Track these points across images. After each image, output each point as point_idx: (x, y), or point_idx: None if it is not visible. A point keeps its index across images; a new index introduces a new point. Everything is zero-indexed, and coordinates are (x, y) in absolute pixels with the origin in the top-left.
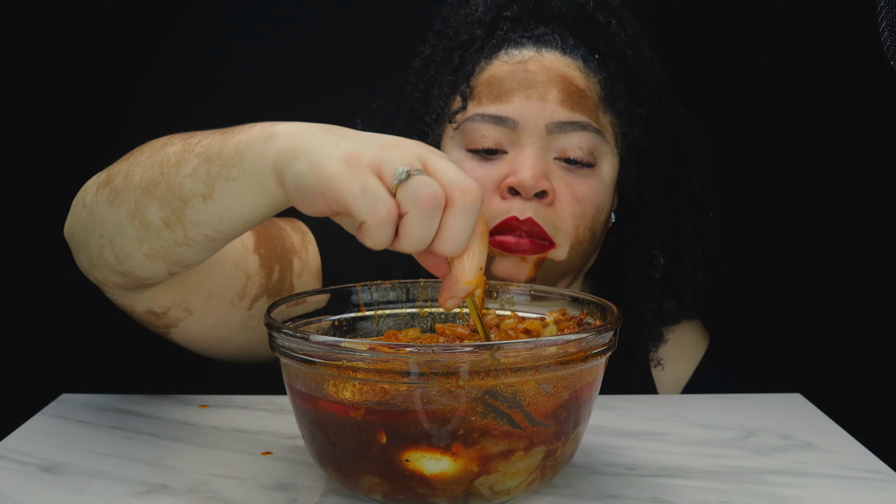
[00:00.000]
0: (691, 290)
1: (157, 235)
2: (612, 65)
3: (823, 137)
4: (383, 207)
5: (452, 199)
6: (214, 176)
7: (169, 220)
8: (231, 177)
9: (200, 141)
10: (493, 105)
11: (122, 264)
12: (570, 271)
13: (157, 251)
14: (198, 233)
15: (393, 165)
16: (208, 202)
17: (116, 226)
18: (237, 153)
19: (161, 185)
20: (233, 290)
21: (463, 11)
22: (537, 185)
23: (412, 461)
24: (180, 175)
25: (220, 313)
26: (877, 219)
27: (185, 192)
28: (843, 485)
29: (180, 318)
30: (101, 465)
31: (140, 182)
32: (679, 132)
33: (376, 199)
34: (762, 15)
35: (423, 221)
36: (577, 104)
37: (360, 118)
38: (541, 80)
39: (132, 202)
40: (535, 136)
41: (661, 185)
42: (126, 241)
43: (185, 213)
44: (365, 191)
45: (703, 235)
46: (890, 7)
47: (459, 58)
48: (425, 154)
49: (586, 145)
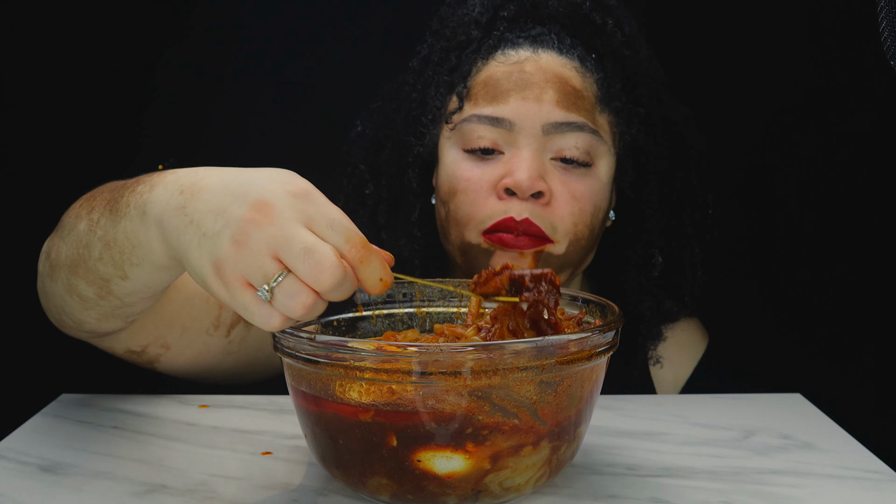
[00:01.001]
0: (690, 288)
1: (96, 304)
2: (609, 64)
3: (824, 137)
4: (275, 320)
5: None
6: (119, 262)
7: (100, 293)
8: (134, 263)
9: (98, 220)
10: (489, 106)
11: (81, 327)
12: (567, 265)
13: (104, 314)
14: (133, 298)
15: (253, 277)
16: (126, 281)
17: (60, 298)
18: (128, 242)
19: (80, 266)
20: (206, 321)
21: (460, 12)
22: (533, 185)
23: (423, 461)
24: (92, 259)
25: (198, 343)
26: (877, 218)
27: (102, 274)
28: (843, 485)
29: (160, 354)
30: (101, 465)
31: (65, 261)
32: (678, 131)
33: (261, 316)
34: (762, 14)
35: (310, 314)
36: (573, 104)
37: (359, 119)
38: (537, 80)
39: (64, 280)
40: (531, 137)
41: (660, 184)
42: (74, 310)
43: (111, 288)
44: (246, 310)
45: (702, 234)
46: (890, 7)
47: (456, 58)
48: (278, 240)
49: (583, 145)
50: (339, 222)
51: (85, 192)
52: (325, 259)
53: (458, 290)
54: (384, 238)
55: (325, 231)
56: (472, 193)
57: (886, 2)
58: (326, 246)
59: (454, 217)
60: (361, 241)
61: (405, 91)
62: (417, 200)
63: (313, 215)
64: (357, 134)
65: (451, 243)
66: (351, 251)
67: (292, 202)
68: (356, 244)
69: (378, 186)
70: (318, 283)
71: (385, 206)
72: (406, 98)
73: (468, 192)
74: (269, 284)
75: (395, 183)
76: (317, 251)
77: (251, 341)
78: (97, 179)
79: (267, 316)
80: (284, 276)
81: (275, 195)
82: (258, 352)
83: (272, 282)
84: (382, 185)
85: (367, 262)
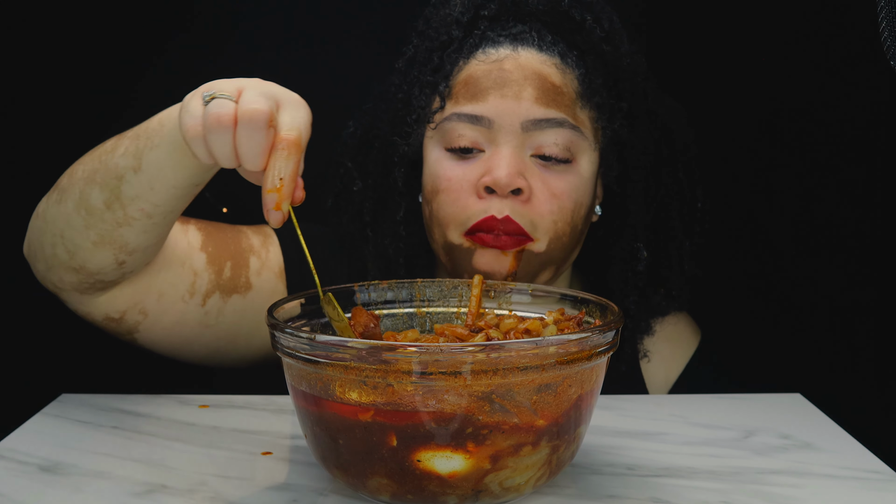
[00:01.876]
0: (678, 282)
1: (100, 219)
2: (590, 60)
3: (823, 136)
4: (191, 120)
5: (237, 120)
6: (142, 148)
7: (109, 200)
8: (154, 145)
9: (135, 130)
10: (469, 104)
11: (73, 258)
12: (550, 263)
13: (102, 236)
14: (134, 208)
15: (211, 92)
16: (138, 173)
17: (65, 219)
18: (159, 124)
19: (100, 171)
20: (181, 287)
21: (443, 12)
22: (512, 182)
23: (423, 461)
24: (115, 156)
25: (174, 312)
26: (875, 217)
27: (119, 170)
28: (843, 485)
29: (138, 322)
30: (101, 465)
31: (82, 175)
32: (665, 125)
33: (189, 115)
34: (759, 10)
35: (216, 138)
36: (552, 101)
37: (352, 119)
38: (515, 78)
39: (76, 194)
40: (510, 135)
41: (646, 178)
42: (75, 231)
43: (121, 189)
44: (184, 109)
45: (691, 228)
46: (890, 7)
47: (439, 58)
48: (247, 86)
49: (562, 142)
50: (301, 119)
51: None
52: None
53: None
54: (370, 236)
55: (284, 113)
56: (453, 193)
57: (886, 2)
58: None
59: (436, 216)
60: (299, 137)
61: (391, 91)
62: (403, 200)
63: (286, 105)
64: (348, 134)
65: (436, 242)
66: (287, 134)
67: (282, 91)
68: (293, 134)
69: (365, 186)
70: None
71: (371, 204)
72: (392, 98)
73: (450, 191)
74: (212, 92)
75: (382, 182)
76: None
77: (228, 315)
78: None
79: (192, 118)
80: (227, 97)
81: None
82: (236, 327)
83: (218, 94)
84: (369, 185)
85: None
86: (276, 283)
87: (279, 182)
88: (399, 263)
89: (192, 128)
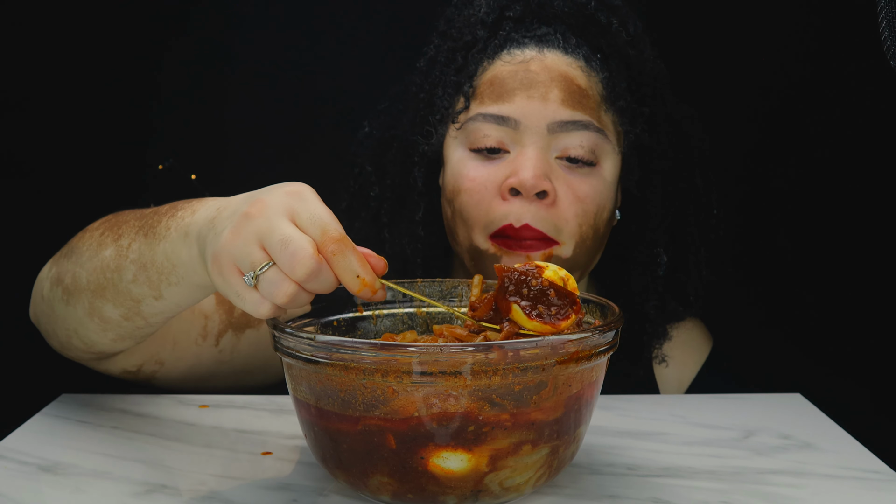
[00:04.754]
0: (695, 288)
1: (118, 326)
2: (614, 64)
3: (825, 138)
4: (264, 308)
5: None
6: (157, 282)
7: (127, 314)
8: (172, 282)
9: (130, 245)
10: (494, 105)
11: (91, 348)
12: (576, 268)
13: (122, 335)
14: (159, 318)
15: (242, 264)
16: (160, 300)
17: (77, 321)
18: (168, 262)
19: (109, 289)
20: (194, 332)
21: (466, 12)
22: (538, 185)
23: (424, 461)
24: (124, 281)
25: (189, 356)
26: (878, 219)
27: (135, 295)
28: (843, 485)
29: (155, 371)
30: (101, 465)
31: (88, 286)
32: (683, 130)
33: (252, 302)
34: (764, 15)
35: (294, 303)
36: (578, 103)
37: (367, 120)
38: (542, 79)
39: (86, 303)
40: (536, 136)
41: (664, 184)
42: (90, 332)
43: (141, 308)
44: (238, 296)
45: (706, 233)
46: (890, 7)
47: (462, 58)
48: (263, 230)
49: (588, 144)
50: (320, 217)
51: (88, 193)
52: (299, 250)
53: (452, 310)
54: (386, 237)
55: (306, 224)
56: (476, 194)
57: (886, 2)
58: (304, 237)
59: (460, 217)
60: (339, 234)
61: (412, 91)
62: (422, 200)
63: (299, 210)
64: (364, 135)
65: (460, 245)
66: (326, 243)
67: (283, 198)
68: (332, 237)
69: (383, 186)
70: (293, 272)
71: (389, 205)
72: (413, 98)
73: (473, 192)
74: (255, 272)
75: (401, 182)
76: (293, 241)
77: (243, 349)
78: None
79: (256, 303)
80: (269, 266)
81: (270, 193)
82: (251, 359)
83: (258, 270)
84: (387, 185)
85: (341, 254)
86: None
87: (359, 280)
88: (417, 264)
89: (266, 310)
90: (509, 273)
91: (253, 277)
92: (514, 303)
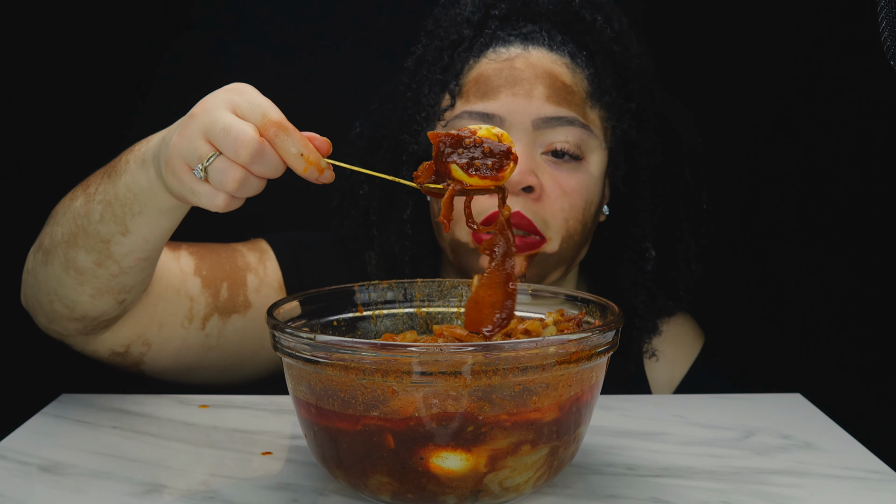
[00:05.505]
0: (684, 282)
1: (93, 276)
2: (600, 60)
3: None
4: (218, 199)
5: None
6: (121, 216)
7: (98, 260)
8: (136, 212)
9: (97, 188)
10: (480, 102)
11: (73, 311)
12: (561, 263)
13: (99, 288)
14: (130, 259)
15: (191, 160)
16: (127, 235)
17: (56, 279)
18: (130, 192)
19: (80, 235)
20: (180, 314)
21: (453, 11)
22: (523, 180)
23: (424, 460)
24: (92, 223)
25: (176, 339)
26: (876, 218)
27: (103, 235)
28: (843, 485)
29: (143, 353)
30: (101, 465)
31: (62, 238)
32: (671, 126)
33: (206, 195)
34: (761, 11)
35: (246, 191)
36: (563, 99)
37: (358, 120)
38: (527, 76)
39: (61, 256)
40: (521, 132)
41: (653, 179)
42: (69, 289)
43: (111, 249)
44: (193, 192)
45: (696, 229)
46: (890, 7)
47: (449, 57)
48: (206, 124)
49: (573, 139)
50: (259, 104)
51: None
52: (241, 133)
53: (397, 179)
54: (375, 235)
55: (247, 112)
56: None
57: (886, 2)
58: (245, 123)
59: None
60: (279, 118)
61: (400, 91)
62: (410, 198)
63: (239, 101)
64: (355, 135)
65: (444, 240)
66: (267, 126)
67: (223, 94)
68: (273, 121)
69: (372, 185)
70: (237, 156)
71: (378, 203)
72: (401, 97)
73: None
74: (203, 164)
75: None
76: (234, 127)
77: (229, 335)
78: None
79: (210, 195)
80: (216, 157)
81: (211, 94)
82: (239, 346)
83: (205, 161)
84: (376, 184)
85: (283, 134)
86: (276, 296)
87: (303, 158)
88: (405, 262)
89: (222, 201)
90: (443, 138)
91: (202, 170)
92: (451, 163)
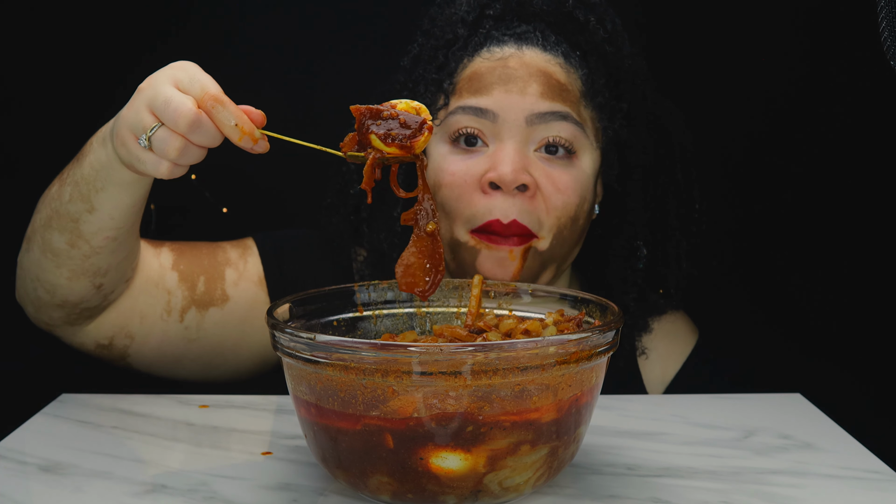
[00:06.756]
0: (676, 280)
1: (68, 257)
2: (593, 61)
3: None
4: (162, 166)
5: (184, 135)
6: (86, 194)
7: (71, 240)
8: (98, 188)
9: (69, 172)
10: (473, 97)
11: (54, 296)
12: (552, 261)
13: (74, 271)
14: (99, 238)
15: (136, 130)
16: (94, 213)
17: (36, 264)
18: (93, 170)
19: (53, 217)
20: (159, 307)
21: (448, 11)
22: (517, 178)
23: (424, 460)
24: (63, 203)
25: (157, 331)
26: (875, 218)
27: (73, 214)
28: (843, 485)
29: (127, 345)
30: (101, 465)
31: (40, 223)
32: (663, 126)
33: (151, 163)
34: (758, 12)
35: (187, 158)
36: (557, 96)
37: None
38: (520, 75)
39: (39, 240)
40: (514, 129)
41: (644, 178)
42: (47, 273)
43: (80, 228)
44: (139, 160)
45: (688, 227)
46: (890, 7)
47: (444, 56)
48: (150, 97)
49: (566, 134)
50: (199, 80)
51: None
52: (180, 105)
53: (325, 149)
54: (365, 232)
55: (188, 87)
56: (457, 188)
57: (886, 2)
58: (185, 96)
59: (441, 211)
60: (217, 91)
61: (396, 89)
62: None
63: (181, 77)
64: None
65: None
66: (205, 99)
67: (168, 70)
68: (210, 94)
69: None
70: (177, 125)
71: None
72: (396, 95)
73: (453, 186)
74: (147, 133)
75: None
76: (174, 99)
77: (208, 328)
78: None
79: (155, 162)
80: (159, 127)
81: (157, 70)
82: (220, 338)
83: (149, 131)
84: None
85: (220, 105)
86: (256, 291)
87: (237, 128)
88: (392, 259)
89: (165, 169)
90: (364, 111)
91: (146, 139)
92: (371, 133)
